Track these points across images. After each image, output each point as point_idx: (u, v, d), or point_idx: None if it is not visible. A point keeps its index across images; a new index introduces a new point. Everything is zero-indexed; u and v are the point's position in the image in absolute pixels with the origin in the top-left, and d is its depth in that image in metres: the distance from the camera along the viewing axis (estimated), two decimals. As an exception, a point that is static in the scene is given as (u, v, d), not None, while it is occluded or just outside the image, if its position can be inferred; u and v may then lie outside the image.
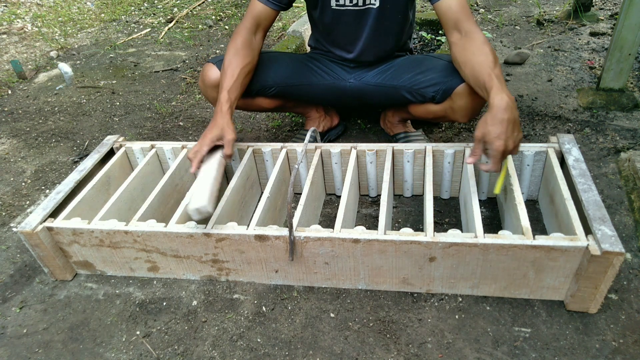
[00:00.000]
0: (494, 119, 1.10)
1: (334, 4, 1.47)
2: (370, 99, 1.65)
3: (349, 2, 1.45)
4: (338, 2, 1.46)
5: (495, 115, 1.10)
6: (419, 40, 2.63)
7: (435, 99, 1.48)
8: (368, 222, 1.49)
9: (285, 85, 1.61)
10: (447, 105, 1.46)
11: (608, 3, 3.13)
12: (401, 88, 1.55)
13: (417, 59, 1.59)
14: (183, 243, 1.25)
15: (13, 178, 1.92)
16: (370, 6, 1.46)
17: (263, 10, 1.46)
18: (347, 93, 1.64)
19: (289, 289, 1.28)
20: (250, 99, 1.62)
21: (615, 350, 1.05)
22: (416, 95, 1.52)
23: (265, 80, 1.58)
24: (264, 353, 1.13)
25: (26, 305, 1.33)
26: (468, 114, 1.45)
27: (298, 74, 1.62)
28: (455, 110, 1.45)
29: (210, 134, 1.33)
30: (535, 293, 1.16)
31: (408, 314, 1.18)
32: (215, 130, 1.34)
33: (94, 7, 4.23)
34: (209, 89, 1.59)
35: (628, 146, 1.68)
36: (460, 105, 1.43)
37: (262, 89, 1.59)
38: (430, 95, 1.48)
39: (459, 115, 1.46)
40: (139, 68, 2.89)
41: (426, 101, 1.51)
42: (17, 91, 2.71)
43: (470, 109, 1.43)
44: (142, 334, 1.21)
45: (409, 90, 1.53)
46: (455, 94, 1.42)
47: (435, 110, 1.52)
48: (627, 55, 1.84)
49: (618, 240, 1.02)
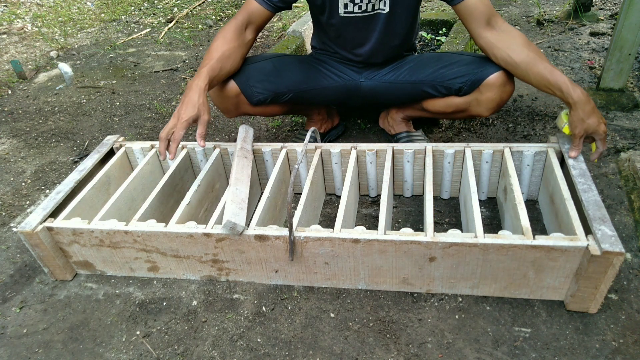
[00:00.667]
0: (586, 112, 1.23)
1: (341, 12, 1.46)
2: (385, 97, 1.65)
3: (358, 9, 1.44)
4: (346, 9, 1.45)
5: (585, 108, 1.23)
6: (419, 40, 2.63)
7: (461, 91, 1.48)
8: (368, 222, 1.49)
9: (298, 91, 1.60)
10: (473, 97, 1.47)
11: (608, 3, 3.13)
12: (422, 83, 1.55)
13: (435, 55, 1.60)
14: (183, 243, 1.25)
15: (13, 178, 1.92)
16: (379, 11, 1.45)
17: (257, 9, 1.45)
18: (361, 93, 1.64)
19: (289, 289, 1.28)
20: (265, 106, 1.61)
21: (615, 350, 1.05)
22: (440, 88, 1.52)
23: (279, 87, 1.56)
24: (264, 353, 1.13)
25: (26, 305, 1.33)
26: (494, 106, 1.46)
27: (310, 78, 1.61)
28: (480, 102, 1.46)
29: (186, 115, 1.26)
30: (535, 293, 1.16)
31: (408, 314, 1.18)
32: (192, 109, 1.27)
33: (94, 7, 4.23)
34: (224, 101, 1.57)
35: (628, 146, 1.68)
36: (489, 97, 1.44)
37: (276, 97, 1.58)
38: (458, 86, 1.48)
39: (484, 108, 1.47)
40: (139, 68, 2.89)
41: (450, 94, 1.51)
42: (17, 91, 2.71)
43: (497, 101, 1.45)
44: (142, 334, 1.21)
45: (431, 85, 1.53)
46: (485, 85, 1.42)
47: (458, 103, 1.52)
48: (627, 55, 1.84)
49: (618, 240, 1.02)
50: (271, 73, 1.55)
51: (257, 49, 2.99)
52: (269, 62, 1.58)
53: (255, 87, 1.53)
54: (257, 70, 1.54)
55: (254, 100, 1.55)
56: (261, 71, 1.54)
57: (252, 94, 1.53)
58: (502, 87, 1.41)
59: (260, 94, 1.54)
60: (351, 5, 1.43)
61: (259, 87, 1.53)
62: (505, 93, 1.43)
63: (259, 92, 1.54)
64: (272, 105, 1.62)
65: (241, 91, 1.52)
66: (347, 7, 1.44)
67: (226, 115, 1.63)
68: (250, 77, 1.52)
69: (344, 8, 1.45)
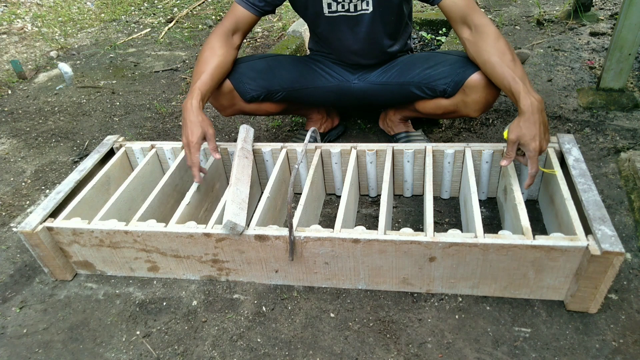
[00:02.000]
0: (527, 121, 1.16)
1: (326, 12, 1.46)
2: (376, 99, 1.65)
3: (341, 8, 1.44)
4: (330, 9, 1.45)
5: (528, 118, 1.16)
6: (419, 40, 2.63)
7: (446, 93, 1.46)
8: (368, 222, 1.49)
9: (291, 90, 1.61)
10: (459, 99, 1.45)
11: (608, 3, 3.13)
12: (410, 84, 1.54)
13: (424, 55, 1.58)
14: (183, 243, 1.25)
15: (13, 178, 1.92)
16: (363, 12, 1.45)
17: (244, 14, 1.46)
18: (352, 94, 1.64)
19: (289, 289, 1.28)
20: (259, 103, 1.61)
21: (615, 350, 1.05)
22: (426, 90, 1.51)
23: (271, 85, 1.57)
24: (264, 353, 1.13)
25: (26, 305, 1.33)
26: (481, 107, 1.43)
27: (303, 77, 1.62)
28: (467, 104, 1.44)
29: (194, 137, 1.30)
30: (535, 293, 1.16)
31: (408, 314, 1.18)
32: (196, 129, 1.30)
33: (94, 7, 4.23)
34: (219, 97, 1.58)
35: (628, 146, 1.68)
36: (474, 99, 1.41)
37: (269, 94, 1.59)
38: (442, 88, 1.46)
39: (471, 110, 1.44)
40: (139, 68, 2.89)
41: (436, 96, 1.50)
42: (17, 91, 2.71)
43: (483, 102, 1.41)
44: (142, 334, 1.21)
45: (417, 86, 1.52)
46: (468, 86, 1.40)
47: (446, 105, 1.50)
48: (627, 55, 1.84)
49: (618, 240, 1.02)
50: (264, 71, 1.56)
51: (257, 49, 2.99)
52: (263, 61, 1.59)
53: (248, 84, 1.54)
54: (250, 68, 1.55)
55: (247, 97, 1.56)
56: (254, 69, 1.55)
57: (245, 91, 1.54)
58: (485, 88, 1.38)
59: (253, 90, 1.55)
60: (334, 4, 1.44)
61: (252, 84, 1.54)
62: (489, 94, 1.40)
63: (252, 88, 1.55)
64: (267, 102, 1.62)
65: (234, 87, 1.53)
66: (330, 6, 1.45)
67: (222, 113, 1.64)
68: (244, 74, 1.54)
69: (328, 8, 1.45)
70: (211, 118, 2.19)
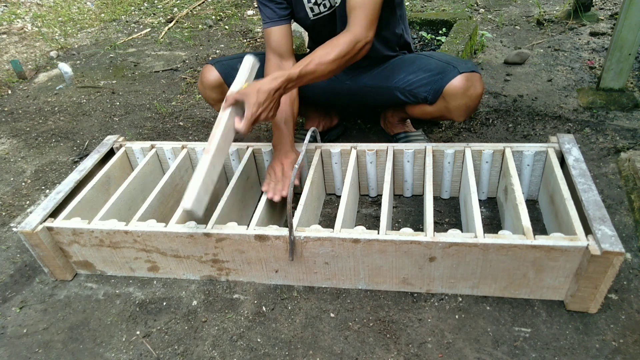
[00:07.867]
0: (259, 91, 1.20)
1: (311, 16, 1.46)
2: (367, 100, 1.65)
3: (323, 8, 1.43)
4: (313, 12, 1.45)
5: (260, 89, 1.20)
6: (419, 40, 2.63)
7: (427, 100, 1.46)
8: (368, 222, 1.49)
9: None
10: (442, 105, 1.44)
11: (608, 3, 3.13)
12: (394, 89, 1.53)
13: (410, 58, 1.57)
14: (183, 243, 1.25)
15: (13, 178, 1.92)
16: (335, 6, 1.43)
17: (279, 32, 1.44)
18: (344, 94, 1.64)
19: (289, 289, 1.28)
20: None
21: (615, 350, 1.05)
22: (409, 96, 1.50)
23: None
24: (264, 353, 1.13)
25: (26, 305, 1.33)
26: (462, 113, 1.42)
27: None
28: (450, 109, 1.43)
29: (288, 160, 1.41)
30: (535, 293, 1.16)
31: (408, 314, 1.18)
32: (292, 154, 1.43)
33: (94, 7, 4.23)
34: (207, 91, 1.59)
35: (628, 146, 1.68)
36: (455, 105, 1.40)
37: None
38: (423, 96, 1.46)
39: (455, 115, 1.44)
40: (139, 68, 2.89)
41: (419, 102, 1.50)
42: (17, 91, 2.71)
43: (464, 108, 1.41)
44: (142, 334, 1.21)
45: (402, 91, 1.51)
46: (447, 94, 1.39)
47: (431, 111, 1.50)
48: (627, 55, 1.84)
49: (618, 240, 1.02)
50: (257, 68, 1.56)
51: (257, 49, 2.99)
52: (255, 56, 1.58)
53: None
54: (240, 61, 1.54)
55: None
56: None
57: None
58: (464, 93, 1.37)
59: None
60: (316, 7, 1.43)
61: None
62: (470, 100, 1.38)
63: None
64: None
65: (224, 80, 1.54)
66: (313, 10, 1.44)
67: (215, 107, 1.64)
68: (233, 67, 1.51)
69: (311, 12, 1.45)
70: (205, 110, 2.19)
